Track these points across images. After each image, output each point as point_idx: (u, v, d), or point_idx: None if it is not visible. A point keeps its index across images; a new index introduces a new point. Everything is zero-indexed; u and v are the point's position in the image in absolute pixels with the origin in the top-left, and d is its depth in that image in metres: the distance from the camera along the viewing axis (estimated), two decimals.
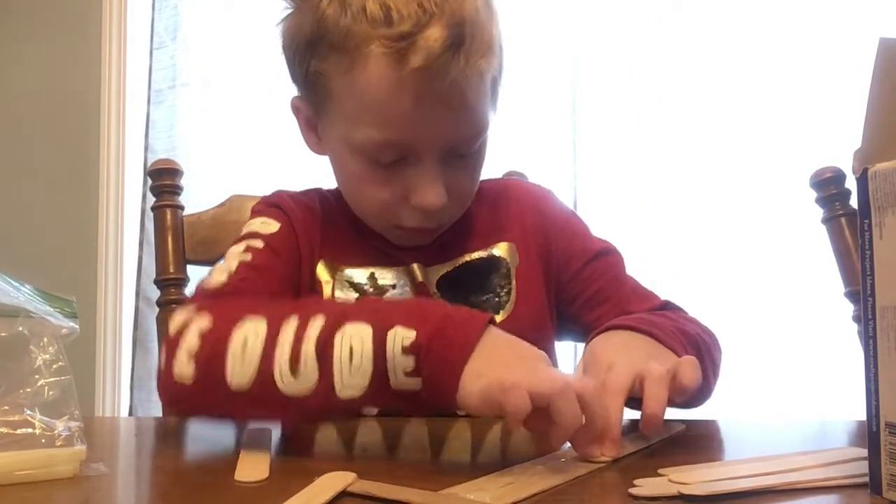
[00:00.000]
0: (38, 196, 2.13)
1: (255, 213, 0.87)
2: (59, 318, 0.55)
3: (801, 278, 1.72)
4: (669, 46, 1.84)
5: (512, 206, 0.89)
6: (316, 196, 0.89)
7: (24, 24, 2.19)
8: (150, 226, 1.06)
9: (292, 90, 0.83)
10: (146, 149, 1.98)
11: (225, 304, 0.66)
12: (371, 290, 0.81)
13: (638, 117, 1.85)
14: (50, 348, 0.53)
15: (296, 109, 0.84)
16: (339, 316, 0.56)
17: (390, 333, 0.54)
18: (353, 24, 0.70)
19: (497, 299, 0.83)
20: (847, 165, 1.00)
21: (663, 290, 0.87)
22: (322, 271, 0.82)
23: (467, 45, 0.69)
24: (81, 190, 2.08)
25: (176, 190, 1.10)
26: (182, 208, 1.10)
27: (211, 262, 1.11)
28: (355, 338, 0.55)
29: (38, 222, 2.12)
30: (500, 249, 0.85)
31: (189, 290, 1.08)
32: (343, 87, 0.74)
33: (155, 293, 1.08)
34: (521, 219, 0.87)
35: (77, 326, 0.55)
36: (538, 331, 0.85)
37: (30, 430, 0.50)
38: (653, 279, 1.79)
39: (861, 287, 0.44)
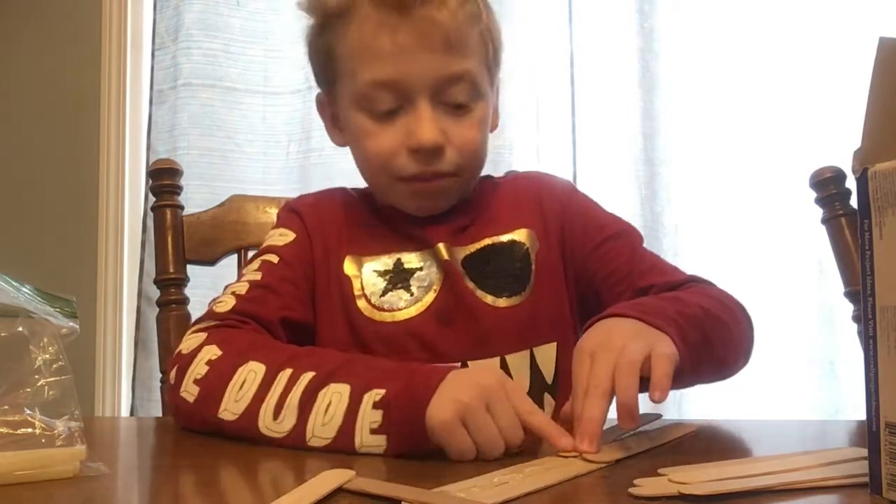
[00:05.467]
0: (38, 196, 2.12)
1: (278, 219, 0.92)
2: (59, 318, 0.55)
3: (801, 278, 1.72)
4: (668, 45, 1.84)
5: (533, 195, 0.91)
6: (339, 194, 0.93)
7: (24, 24, 2.18)
8: (152, 226, 1.07)
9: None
10: (149, 149, 1.98)
11: (234, 337, 0.73)
12: (398, 273, 0.84)
13: (638, 117, 1.84)
14: (50, 348, 0.53)
15: (320, 106, 0.90)
16: (326, 375, 0.63)
17: (367, 395, 0.61)
18: None
19: (516, 282, 0.85)
20: (847, 165, 1.00)
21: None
22: (349, 267, 0.85)
23: None
24: (81, 190, 2.08)
25: (176, 190, 1.10)
26: (182, 208, 1.10)
27: (211, 262, 1.11)
28: (335, 395, 0.62)
29: (38, 222, 2.11)
30: (521, 235, 0.87)
31: (189, 291, 1.08)
32: (344, 48, 0.82)
33: (157, 294, 1.08)
34: (541, 207, 0.90)
35: (77, 326, 0.55)
36: (555, 319, 0.86)
37: (30, 430, 0.50)
38: None
39: (861, 287, 0.44)
